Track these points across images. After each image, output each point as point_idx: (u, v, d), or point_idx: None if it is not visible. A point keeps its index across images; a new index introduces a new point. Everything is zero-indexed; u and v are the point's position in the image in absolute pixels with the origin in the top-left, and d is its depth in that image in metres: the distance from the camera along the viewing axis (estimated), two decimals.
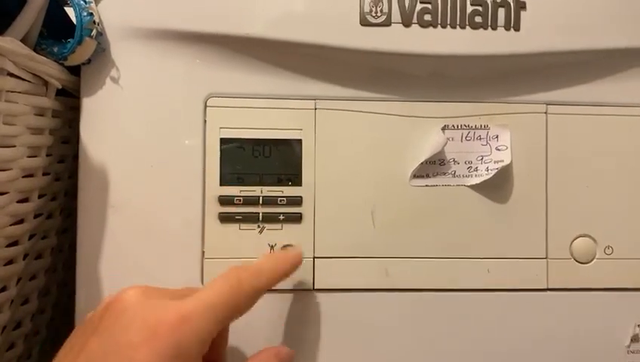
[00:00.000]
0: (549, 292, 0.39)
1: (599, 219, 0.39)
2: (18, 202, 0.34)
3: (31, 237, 0.37)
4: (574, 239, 0.39)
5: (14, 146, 0.33)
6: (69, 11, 0.35)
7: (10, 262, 0.35)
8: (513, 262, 0.38)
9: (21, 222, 0.35)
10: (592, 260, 0.39)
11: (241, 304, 0.29)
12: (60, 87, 0.36)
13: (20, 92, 0.32)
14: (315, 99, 0.38)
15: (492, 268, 0.38)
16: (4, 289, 0.35)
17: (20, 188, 0.34)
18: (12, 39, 0.30)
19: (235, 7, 0.36)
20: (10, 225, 0.34)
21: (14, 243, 0.35)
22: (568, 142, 0.39)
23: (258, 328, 0.37)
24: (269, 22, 0.36)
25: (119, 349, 0.25)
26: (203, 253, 0.37)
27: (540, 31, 0.37)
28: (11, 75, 0.31)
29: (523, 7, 0.37)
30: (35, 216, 0.37)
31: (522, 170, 0.38)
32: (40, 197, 0.37)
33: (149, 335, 0.25)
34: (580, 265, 0.39)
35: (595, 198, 0.39)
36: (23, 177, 0.34)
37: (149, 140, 0.37)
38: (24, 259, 0.37)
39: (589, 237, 0.39)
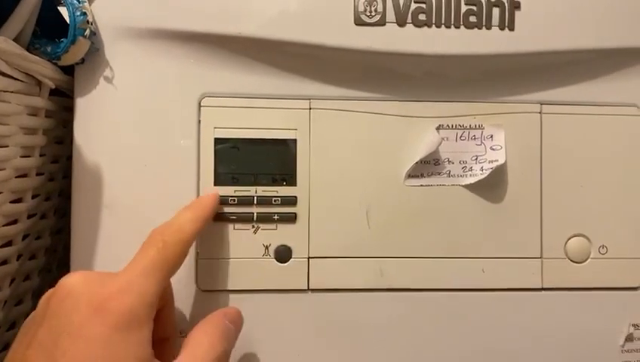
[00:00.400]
0: (543, 292, 0.39)
1: (594, 219, 0.39)
2: (11, 202, 0.34)
3: (24, 237, 0.37)
4: (569, 238, 0.39)
5: (7, 146, 0.32)
6: (63, 11, 0.35)
7: (4, 263, 0.35)
8: (508, 262, 0.38)
9: (15, 222, 0.35)
10: (586, 260, 0.39)
11: (171, 262, 0.30)
12: (54, 86, 0.36)
13: (12, 92, 0.32)
14: (309, 99, 0.38)
15: (487, 268, 0.38)
16: None
17: (14, 189, 0.34)
18: (5, 38, 0.30)
19: (229, 6, 0.36)
20: (4, 225, 0.34)
21: (8, 244, 0.35)
22: (563, 141, 0.39)
23: (252, 329, 0.37)
24: (263, 21, 0.36)
25: (70, 329, 0.26)
26: (197, 253, 0.37)
27: (534, 31, 0.37)
28: (4, 74, 0.31)
29: (517, 6, 0.37)
30: (29, 217, 0.37)
31: (517, 170, 0.39)
32: (34, 197, 0.37)
33: (96, 311, 0.26)
34: (575, 264, 0.39)
35: (590, 198, 0.39)
36: (17, 177, 0.34)
37: (143, 140, 0.37)
38: (18, 259, 0.36)
39: (584, 236, 0.39)
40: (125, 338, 0.26)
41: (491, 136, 0.38)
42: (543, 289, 0.39)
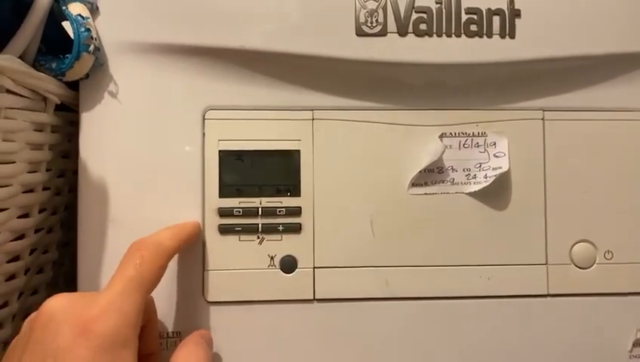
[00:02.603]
0: (549, 298, 0.39)
1: (598, 224, 0.39)
2: (19, 218, 0.34)
3: (32, 251, 0.37)
4: (574, 244, 0.39)
5: (14, 162, 0.33)
6: (67, 27, 0.35)
7: (11, 278, 0.35)
8: (513, 269, 0.38)
9: (22, 237, 0.35)
10: (592, 265, 0.39)
11: (148, 278, 0.30)
12: (59, 102, 0.36)
13: (18, 108, 0.33)
14: (312, 110, 0.38)
15: (492, 275, 0.38)
16: (5, 304, 0.35)
17: (21, 204, 0.34)
18: (11, 56, 0.31)
19: (232, 20, 0.36)
20: (11, 240, 0.34)
21: (15, 259, 0.35)
22: (566, 147, 0.39)
23: (259, 339, 0.37)
24: (266, 34, 0.36)
25: (56, 354, 0.26)
26: (204, 264, 0.37)
27: (534, 38, 0.38)
28: (10, 92, 0.31)
29: (518, 14, 0.37)
30: (36, 231, 0.37)
31: (520, 177, 0.39)
32: (40, 212, 0.37)
33: (81, 333, 0.26)
34: (580, 270, 0.39)
35: (594, 203, 0.39)
36: (24, 193, 0.34)
37: (148, 154, 0.37)
38: (25, 273, 0.37)
39: (589, 242, 0.39)
40: (111, 359, 0.26)
41: (494, 144, 0.38)
42: (548, 295, 0.39)
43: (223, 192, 0.37)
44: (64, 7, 0.35)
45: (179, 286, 0.37)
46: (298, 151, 0.38)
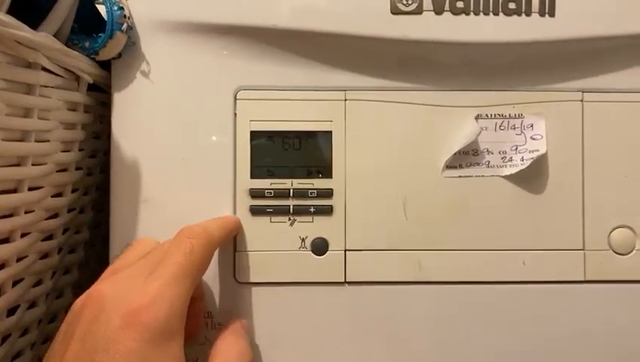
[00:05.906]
0: (586, 285, 0.38)
1: (638, 209, 0.38)
2: (52, 196, 0.35)
3: (65, 231, 0.37)
4: (612, 230, 0.38)
5: (48, 141, 0.33)
6: (99, 7, 0.35)
7: (45, 256, 0.35)
8: (549, 254, 0.37)
9: (55, 216, 0.36)
10: (631, 251, 0.38)
11: (198, 267, 0.31)
12: (92, 81, 0.36)
13: (53, 87, 0.33)
14: (345, 90, 0.37)
15: (528, 260, 0.37)
16: (39, 282, 0.35)
17: (54, 183, 0.34)
18: (46, 34, 0.31)
19: None
20: (45, 219, 0.34)
21: (49, 237, 0.36)
22: (605, 130, 0.38)
23: (289, 321, 0.37)
24: (299, 13, 0.36)
25: (107, 346, 0.26)
26: (235, 245, 0.37)
27: (575, 16, 0.36)
28: (45, 69, 0.31)
29: None
30: (69, 211, 0.37)
31: (558, 160, 0.38)
32: (73, 191, 0.37)
33: (130, 325, 0.26)
34: (619, 256, 0.38)
35: (634, 188, 0.38)
36: (57, 172, 0.35)
37: (179, 134, 0.37)
38: (59, 252, 0.37)
39: (628, 227, 0.38)
40: (160, 351, 0.27)
41: (531, 126, 0.37)
42: (585, 281, 0.38)
43: (255, 173, 0.37)
44: None
45: (210, 266, 0.36)
46: (330, 133, 0.37)
